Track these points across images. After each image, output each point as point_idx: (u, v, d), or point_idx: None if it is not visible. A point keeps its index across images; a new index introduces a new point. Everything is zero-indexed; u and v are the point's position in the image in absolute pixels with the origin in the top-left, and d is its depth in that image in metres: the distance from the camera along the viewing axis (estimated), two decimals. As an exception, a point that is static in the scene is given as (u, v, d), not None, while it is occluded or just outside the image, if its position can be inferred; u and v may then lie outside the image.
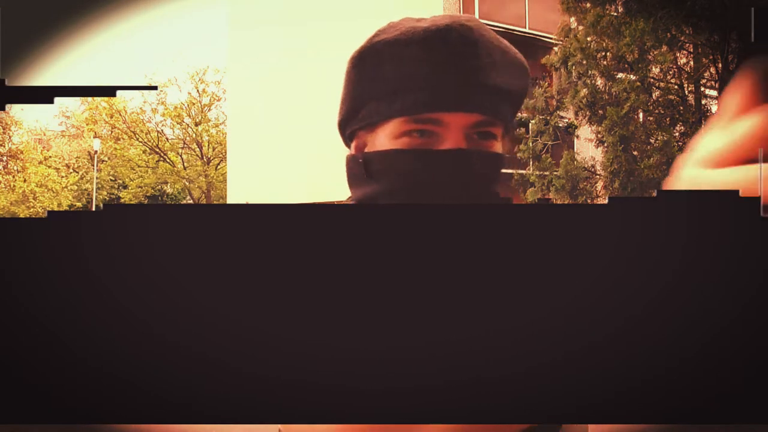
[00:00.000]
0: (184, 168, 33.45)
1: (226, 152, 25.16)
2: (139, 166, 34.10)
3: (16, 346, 0.27)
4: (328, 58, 12.59)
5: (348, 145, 0.70)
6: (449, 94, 0.61)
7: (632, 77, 8.16)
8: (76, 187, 37.07)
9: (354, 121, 0.67)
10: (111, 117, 33.43)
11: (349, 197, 0.72)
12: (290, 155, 15.81)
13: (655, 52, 8.11)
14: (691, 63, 9.03)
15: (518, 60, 0.66)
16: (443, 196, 0.62)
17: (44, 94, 0.29)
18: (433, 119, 0.62)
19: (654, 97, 8.44)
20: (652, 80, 8.39)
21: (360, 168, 0.66)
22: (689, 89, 8.88)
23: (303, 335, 0.27)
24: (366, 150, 0.67)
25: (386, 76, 0.63)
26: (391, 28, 0.65)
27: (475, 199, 0.64)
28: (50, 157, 37.49)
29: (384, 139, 0.64)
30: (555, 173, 9.07)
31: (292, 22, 16.01)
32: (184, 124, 33.10)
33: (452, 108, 0.61)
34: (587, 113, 8.79)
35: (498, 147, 0.65)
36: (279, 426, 0.63)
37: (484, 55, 0.61)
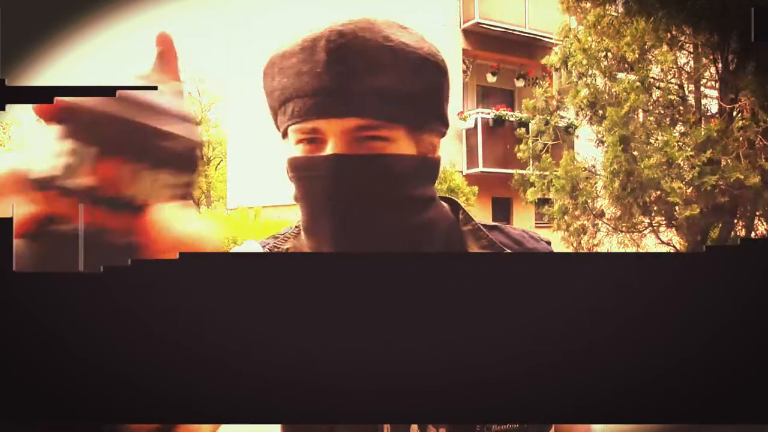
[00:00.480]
0: (184, 168, 33.40)
1: (226, 152, 25.20)
2: (139, 166, 34.05)
3: (16, 346, 0.27)
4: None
5: None
6: (319, 101, 0.62)
7: (632, 77, 8.16)
8: (76, 187, 37.00)
9: (277, 129, 0.71)
10: (111, 117, 33.42)
11: None
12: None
13: (656, 52, 8.11)
14: (691, 63, 9.02)
15: (415, 56, 0.64)
16: (334, 200, 0.63)
17: (44, 94, 0.29)
18: (312, 128, 0.64)
19: (654, 97, 8.44)
20: (652, 80, 8.39)
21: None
22: (689, 89, 8.88)
23: (303, 336, 0.27)
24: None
25: (279, 87, 0.66)
26: (287, 41, 0.67)
27: (377, 202, 0.64)
28: (50, 157, 37.44)
29: (290, 147, 0.68)
30: (555, 173, 9.07)
31: (293, 22, 16.01)
32: (184, 124, 33.08)
33: (324, 114, 0.62)
34: (587, 113, 8.79)
35: (396, 149, 0.64)
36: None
37: (357, 58, 0.61)
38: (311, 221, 0.66)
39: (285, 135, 0.69)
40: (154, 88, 0.34)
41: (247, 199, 14.62)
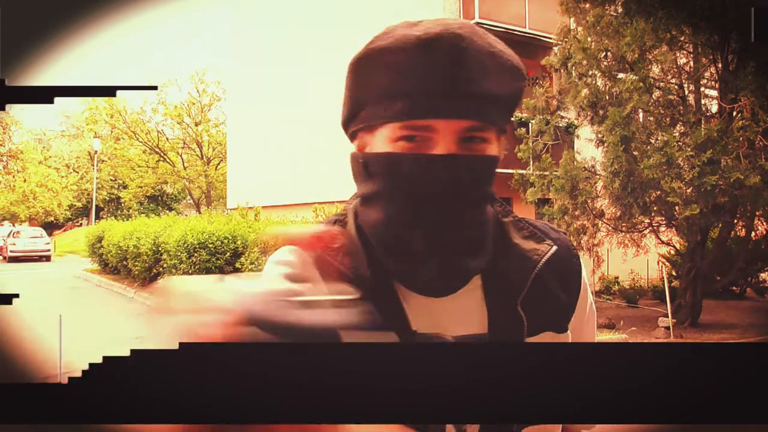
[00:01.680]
0: (184, 168, 33.46)
1: (226, 152, 25.16)
2: (139, 166, 34.11)
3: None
4: (328, 58, 12.56)
5: (352, 142, 0.74)
6: (439, 101, 0.63)
7: (634, 77, 8.15)
8: (76, 187, 37.08)
9: (353, 123, 0.71)
10: (111, 117, 33.45)
11: (356, 193, 0.76)
12: (290, 155, 15.82)
13: (655, 52, 8.10)
14: (691, 63, 9.02)
15: (511, 63, 0.67)
16: (436, 198, 0.65)
17: (44, 94, 0.29)
18: (425, 126, 0.65)
19: (654, 97, 8.43)
20: (652, 80, 8.38)
21: (360, 167, 0.70)
22: (689, 89, 8.88)
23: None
24: (366, 150, 0.70)
25: (380, 81, 0.65)
26: (386, 35, 0.67)
27: (468, 200, 0.67)
28: (50, 157, 37.50)
29: (381, 141, 0.68)
30: (555, 173, 9.06)
31: (293, 21, 16.02)
32: (184, 124, 33.11)
33: (442, 115, 0.64)
34: (588, 113, 8.78)
35: (491, 149, 0.68)
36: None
37: (474, 62, 0.63)
38: (404, 216, 0.67)
39: (368, 130, 0.69)
40: (154, 88, 0.34)
41: (247, 199, 14.63)
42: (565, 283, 0.77)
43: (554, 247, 0.76)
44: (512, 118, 0.72)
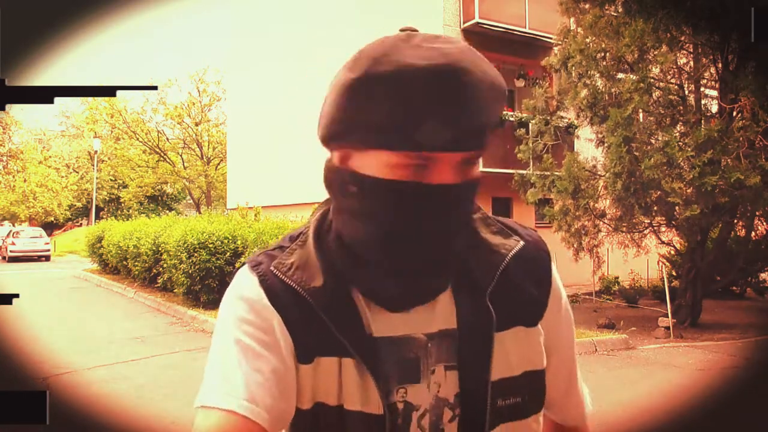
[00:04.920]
0: (184, 168, 33.41)
1: (226, 152, 25.11)
2: (139, 166, 34.07)
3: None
4: (328, 58, 12.58)
5: (330, 151, 0.73)
6: (441, 135, 0.63)
7: (634, 77, 8.13)
8: (76, 187, 37.03)
9: (341, 141, 0.69)
10: (111, 117, 33.38)
11: (328, 198, 0.76)
12: (290, 155, 15.80)
13: (655, 53, 8.09)
14: (691, 63, 9.01)
15: (502, 89, 0.68)
16: (432, 224, 0.67)
17: (44, 94, 0.29)
18: (427, 156, 0.65)
19: (654, 97, 8.42)
20: (652, 80, 8.37)
21: (343, 181, 0.70)
22: (689, 89, 8.87)
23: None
24: (350, 165, 0.69)
25: (380, 109, 0.64)
26: (385, 58, 0.64)
27: (460, 223, 0.70)
28: (50, 157, 37.45)
29: (375, 165, 0.67)
30: (556, 174, 9.04)
31: (293, 20, 16.01)
32: (184, 124, 33.05)
33: (443, 148, 0.64)
34: (588, 114, 8.77)
35: (477, 171, 0.71)
36: None
37: (474, 95, 0.63)
38: (386, 238, 0.68)
39: (358, 149, 0.68)
40: (154, 88, 0.34)
41: (247, 199, 14.63)
42: (535, 278, 0.79)
43: (522, 242, 0.78)
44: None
